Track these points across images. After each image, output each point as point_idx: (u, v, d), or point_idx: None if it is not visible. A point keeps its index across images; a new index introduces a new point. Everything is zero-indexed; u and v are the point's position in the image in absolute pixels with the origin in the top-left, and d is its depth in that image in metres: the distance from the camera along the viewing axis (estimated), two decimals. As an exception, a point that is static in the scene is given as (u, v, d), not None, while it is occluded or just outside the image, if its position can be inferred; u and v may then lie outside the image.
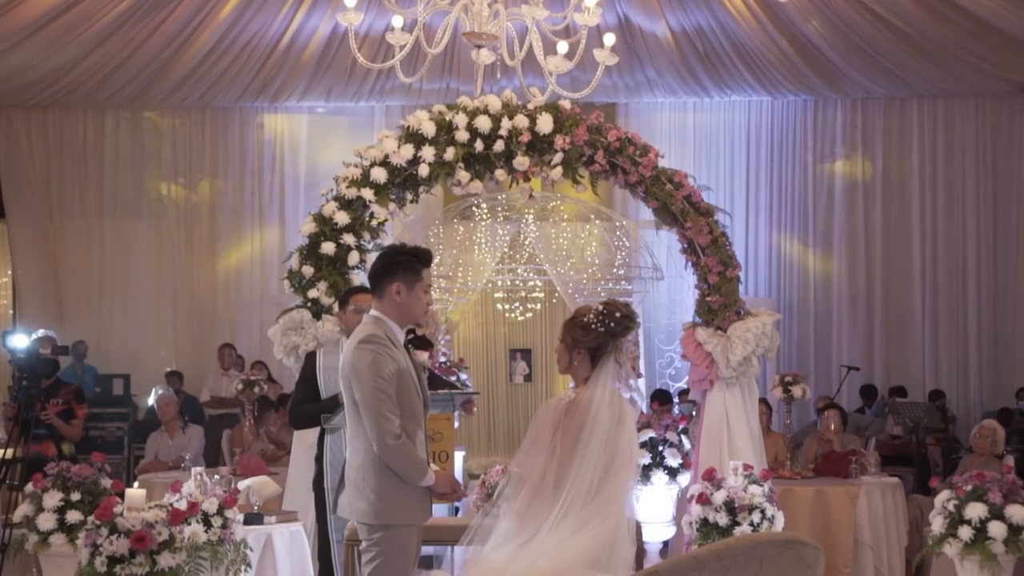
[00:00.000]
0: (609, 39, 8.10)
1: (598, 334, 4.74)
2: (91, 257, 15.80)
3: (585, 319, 4.78)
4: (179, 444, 10.87)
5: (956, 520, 7.09)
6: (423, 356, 7.21)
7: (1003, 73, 14.41)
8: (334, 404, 6.78)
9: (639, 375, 13.48)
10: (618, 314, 4.77)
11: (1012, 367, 15.16)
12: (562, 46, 8.28)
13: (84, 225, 15.80)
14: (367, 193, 8.36)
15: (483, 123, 8.33)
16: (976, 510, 7.02)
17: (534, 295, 14.08)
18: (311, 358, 7.35)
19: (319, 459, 7.07)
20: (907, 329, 15.57)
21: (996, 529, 6.96)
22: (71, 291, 15.74)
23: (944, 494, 7.27)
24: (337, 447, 6.77)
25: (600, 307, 4.80)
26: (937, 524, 7.21)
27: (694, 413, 10.23)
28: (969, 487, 7.17)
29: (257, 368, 13.25)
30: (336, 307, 8.19)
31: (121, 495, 6.41)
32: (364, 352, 5.02)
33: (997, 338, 15.37)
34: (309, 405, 7.12)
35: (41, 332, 11.44)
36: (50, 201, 15.77)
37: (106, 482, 7.49)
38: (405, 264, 5.20)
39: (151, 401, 11.68)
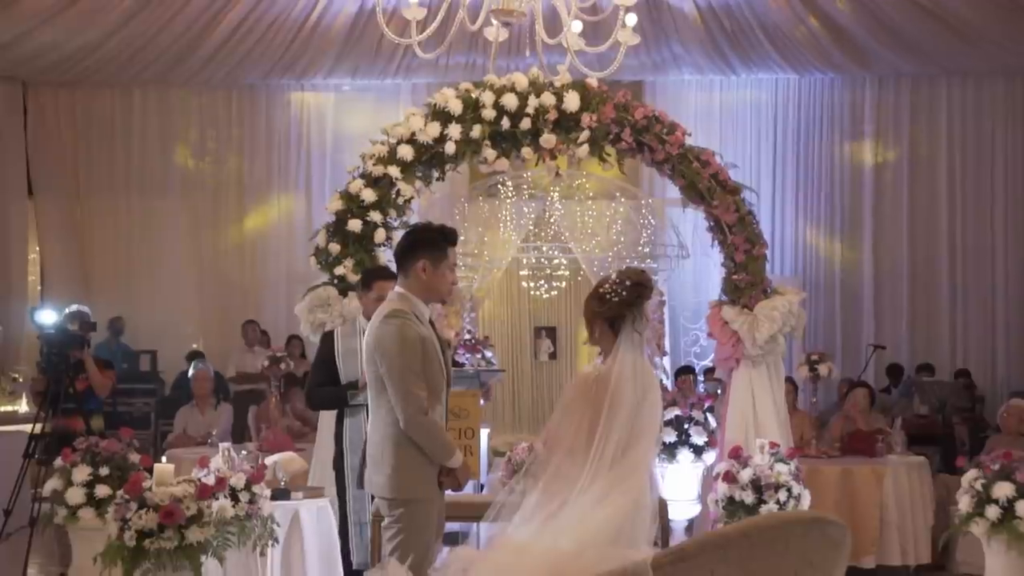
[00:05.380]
0: (631, 19, 8.04)
1: (612, 304, 4.74)
2: (118, 234, 15.88)
3: (600, 290, 4.79)
4: (209, 420, 10.93)
5: (983, 500, 7.07)
6: (449, 334, 7.24)
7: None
8: (353, 388, 6.82)
9: (664, 353, 13.50)
10: (629, 282, 4.77)
11: (1040, 347, 15.09)
12: (576, 25, 8.22)
13: (111, 203, 15.87)
14: (393, 171, 8.36)
15: (510, 101, 8.31)
16: (1003, 489, 7.00)
17: (559, 273, 14.08)
18: (328, 340, 7.34)
19: (338, 439, 7.09)
20: (935, 308, 15.50)
21: (1023, 509, 6.93)
22: (98, 268, 15.84)
23: (971, 473, 7.25)
24: (356, 428, 6.80)
25: (613, 276, 4.80)
26: (964, 503, 7.18)
27: (720, 391, 10.22)
28: (996, 466, 7.14)
29: (293, 344, 13.30)
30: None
31: (149, 470, 6.46)
32: (391, 326, 5.05)
33: (1025, 318, 15.30)
34: (328, 388, 7.13)
35: (74, 307, 11.51)
36: (78, 179, 15.84)
37: (134, 457, 7.55)
38: (431, 242, 5.23)
39: (191, 372, 11.72)
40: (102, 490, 7.26)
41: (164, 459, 8.28)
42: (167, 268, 15.80)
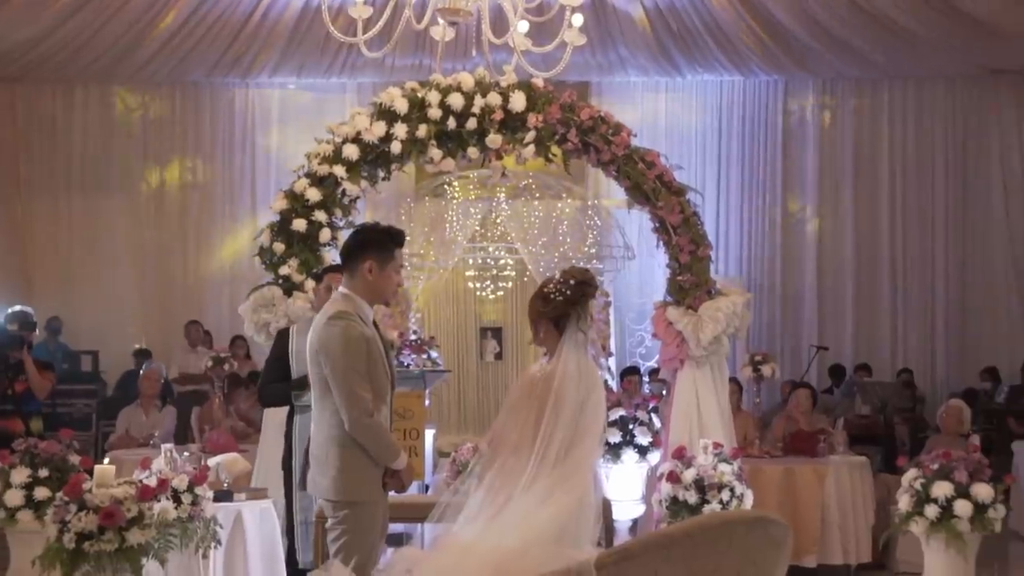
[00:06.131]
0: (577, 20, 8.06)
1: (557, 303, 4.76)
2: (59, 233, 15.69)
3: (545, 289, 4.81)
4: (152, 421, 10.82)
5: (922, 499, 7.15)
6: (392, 335, 7.22)
7: (973, 56, 14.49)
8: (304, 384, 6.76)
9: (610, 354, 13.54)
10: (573, 281, 4.79)
11: (978, 348, 15.28)
12: (523, 25, 8.22)
13: (53, 201, 15.68)
14: (339, 170, 8.33)
15: (456, 101, 8.31)
16: (942, 489, 7.08)
17: (505, 274, 14.08)
18: (282, 337, 7.31)
19: (288, 437, 7.06)
20: (876, 310, 15.67)
21: (962, 508, 7.02)
22: (40, 268, 15.63)
23: (911, 473, 7.33)
24: (306, 426, 6.73)
25: (557, 276, 4.82)
26: (904, 503, 7.27)
27: (664, 392, 10.26)
28: (935, 466, 7.22)
29: (237, 345, 13.20)
30: (307, 283, 8.18)
31: (90, 471, 6.38)
32: (335, 328, 5.03)
33: (964, 319, 15.50)
34: (279, 385, 7.09)
35: (16, 308, 11.35)
36: (18, 176, 15.63)
37: (74, 458, 7.45)
38: (378, 243, 5.21)
39: (142, 370, 11.59)
40: (41, 492, 7.15)
41: (106, 460, 8.18)
42: (109, 268, 15.62)
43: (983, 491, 7.07)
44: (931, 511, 7.08)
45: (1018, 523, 10.70)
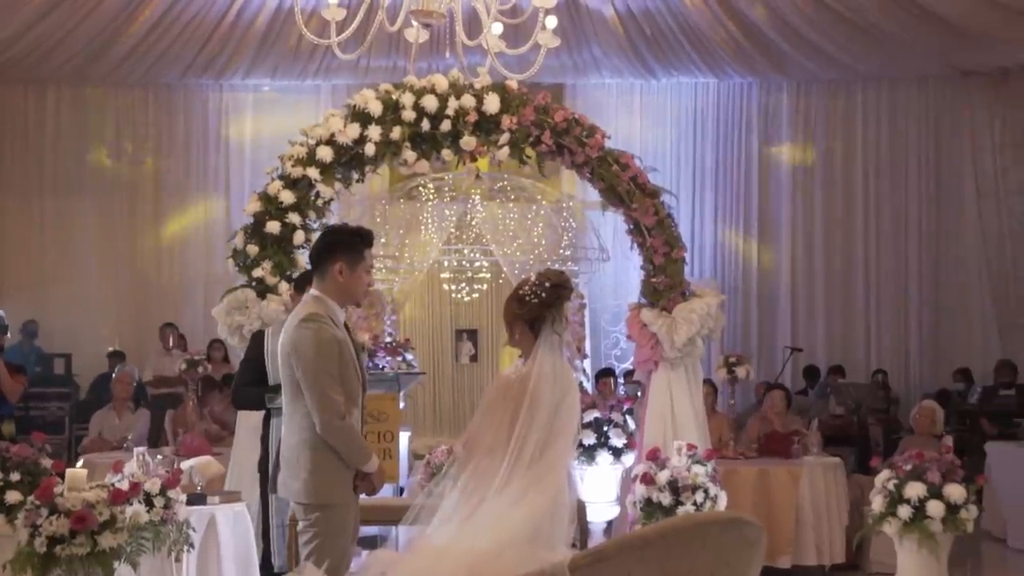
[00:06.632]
0: (551, 21, 8.06)
1: (532, 305, 4.76)
2: (32, 235, 15.59)
3: (520, 292, 4.81)
4: (126, 424, 10.77)
5: (895, 499, 7.18)
6: (363, 337, 7.20)
7: (945, 58, 14.57)
8: (278, 389, 6.73)
9: (584, 355, 13.55)
10: (548, 283, 4.79)
11: (951, 349, 15.37)
12: (496, 27, 8.22)
13: (25, 203, 15.58)
14: (312, 172, 8.31)
15: (430, 102, 8.29)
16: (915, 489, 7.12)
17: (480, 276, 14.07)
18: (258, 340, 7.29)
19: (264, 440, 7.03)
20: (850, 311, 15.74)
21: (934, 508, 7.06)
22: (12, 270, 15.53)
23: (884, 474, 7.37)
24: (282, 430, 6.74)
25: (533, 278, 4.82)
26: (877, 503, 7.30)
27: (639, 394, 10.28)
28: (908, 467, 7.26)
29: (215, 348, 13.15)
30: (281, 285, 8.15)
31: (61, 475, 6.34)
32: (307, 330, 5.02)
33: (938, 320, 15.58)
34: (253, 388, 7.07)
35: (-8, 311, 11.29)
36: (-10, 178, 15.56)
37: (46, 462, 7.41)
38: (348, 244, 5.21)
39: (115, 373, 11.53)
40: (12, 496, 7.11)
41: (79, 464, 8.14)
42: (83, 270, 15.54)
43: (955, 492, 7.11)
44: (904, 512, 7.12)
45: (990, 523, 10.76)
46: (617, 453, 9.54)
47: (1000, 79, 15.24)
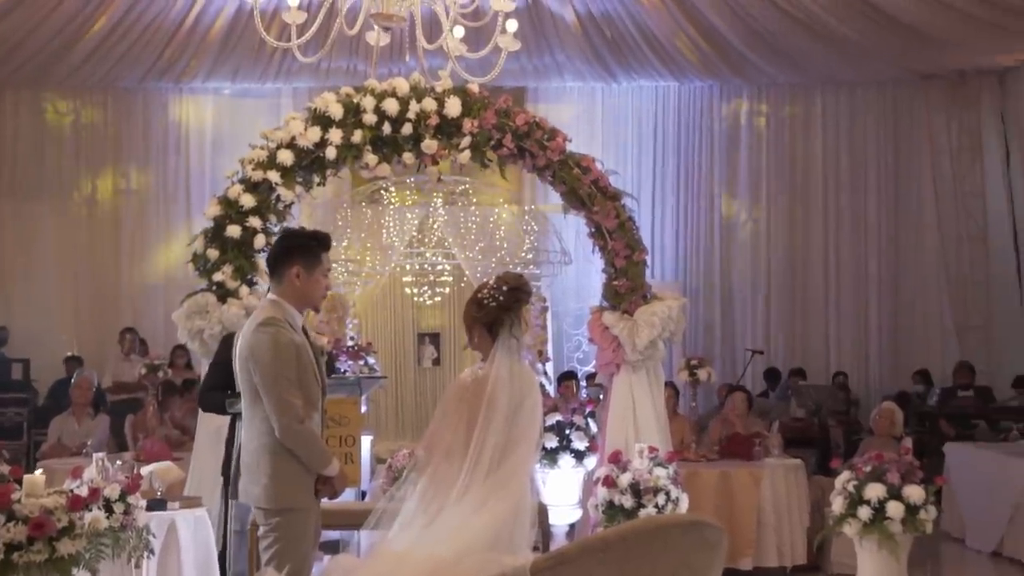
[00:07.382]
0: (512, 25, 8.06)
1: (490, 309, 4.75)
2: (-11, 240, 15.47)
3: (479, 295, 4.80)
4: (85, 430, 10.68)
5: (856, 500, 7.23)
6: (321, 340, 7.16)
7: (904, 62, 14.69)
8: (235, 397, 6.71)
9: (547, 359, 13.55)
10: (506, 287, 4.79)
11: (910, 351, 15.49)
12: (458, 30, 8.21)
13: (-18, 207, 15.46)
14: (273, 176, 8.27)
15: (391, 106, 8.28)
16: (875, 491, 7.17)
17: (442, 279, 14.05)
18: (228, 343, 7.23)
19: (229, 444, 6.99)
20: (810, 314, 15.84)
21: (894, 509, 7.11)
22: (-31, 274, 15.40)
23: (844, 475, 7.42)
24: (246, 433, 6.71)
25: (491, 282, 4.82)
26: (837, 505, 7.35)
27: (601, 396, 10.30)
28: (868, 468, 7.31)
29: (178, 354, 13.06)
30: (242, 289, 8.11)
31: (19, 481, 6.28)
32: (264, 335, 4.99)
33: (897, 323, 15.70)
34: (220, 392, 7.02)
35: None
36: (-53, 183, 15.40)
37: (4, 468, 7.32)
38: (305, 248, 5.19)
39: (74, 378, 11.43)
40: (-31, 503, 7.03)
41: (38, 470, 8.06)
42: (41, 275, 15.41)
43: (915, 493, 7.17)
44: (864, 513, 7.17)
45: (949, 524, 10.85)
46: (579, 456, 9.57)
47: (957, 82, 15.40)
